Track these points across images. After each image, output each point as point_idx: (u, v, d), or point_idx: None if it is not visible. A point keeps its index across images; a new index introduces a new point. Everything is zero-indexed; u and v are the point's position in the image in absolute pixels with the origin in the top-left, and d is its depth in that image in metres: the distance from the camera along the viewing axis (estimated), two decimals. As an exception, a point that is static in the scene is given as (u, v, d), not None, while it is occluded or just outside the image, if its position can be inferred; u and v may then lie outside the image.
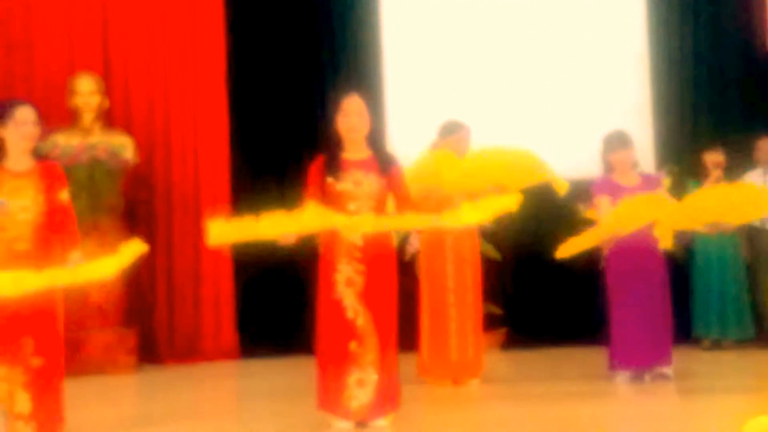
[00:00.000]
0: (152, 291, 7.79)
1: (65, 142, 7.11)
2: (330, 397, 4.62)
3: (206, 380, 7.01)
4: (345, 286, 4.61)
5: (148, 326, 7.62)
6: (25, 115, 4.32)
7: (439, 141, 6.15)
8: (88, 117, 7.23)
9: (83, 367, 6.74)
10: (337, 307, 4.60)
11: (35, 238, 4.28)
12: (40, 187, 4.33)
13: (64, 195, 4.41)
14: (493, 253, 7.50)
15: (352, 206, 4.63)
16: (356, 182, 4.66)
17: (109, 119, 7.54)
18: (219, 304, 7.82)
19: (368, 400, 4.61)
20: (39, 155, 4.45)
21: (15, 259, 4.21)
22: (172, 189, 7.84)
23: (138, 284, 7.62)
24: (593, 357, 6.45)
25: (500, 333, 7.87)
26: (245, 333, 7.86)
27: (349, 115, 4.71)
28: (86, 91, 7.24)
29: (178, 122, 7.86)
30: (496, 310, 7.77)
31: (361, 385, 4.61)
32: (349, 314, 4.60)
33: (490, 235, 7.00)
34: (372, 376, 4.61)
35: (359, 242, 4.61)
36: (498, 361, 7.05)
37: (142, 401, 6.37)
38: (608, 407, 5.28)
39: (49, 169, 4.43)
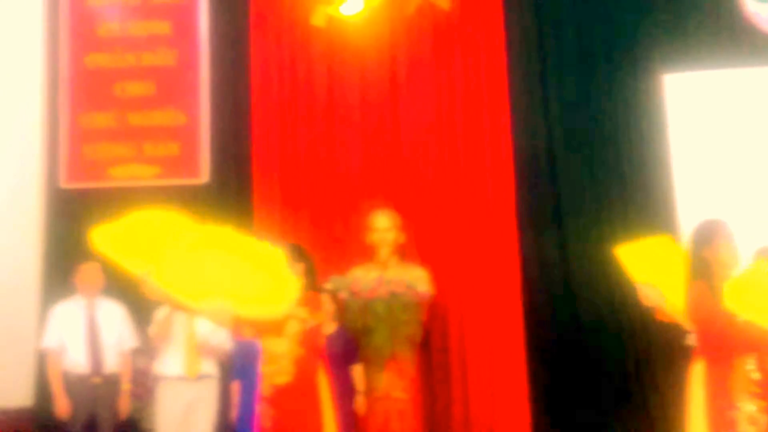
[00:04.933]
0: (448, 423, 7.77)
1: (364, 276, 7.39)
2: None
3: None
4: (747, 425, 4.25)
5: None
6: None
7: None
8: (384, 252, 7.48)
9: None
10: None
11: (296, 370, 4.26)
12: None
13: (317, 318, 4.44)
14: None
15: None
16: None
17: (404, 252, 7.77)
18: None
19: None
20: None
21: (277, 394, 4.22)
22: (464, 320, 7.89)
23: (434, 415, 7.64)
24: None
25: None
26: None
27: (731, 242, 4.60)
28: (383, 228, 7.50)
29: (469, 251, 7.97)
30: None
31: None
32: None
33: None
34: None
35: (757, 376, 4.29)
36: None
37: None
38: None
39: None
